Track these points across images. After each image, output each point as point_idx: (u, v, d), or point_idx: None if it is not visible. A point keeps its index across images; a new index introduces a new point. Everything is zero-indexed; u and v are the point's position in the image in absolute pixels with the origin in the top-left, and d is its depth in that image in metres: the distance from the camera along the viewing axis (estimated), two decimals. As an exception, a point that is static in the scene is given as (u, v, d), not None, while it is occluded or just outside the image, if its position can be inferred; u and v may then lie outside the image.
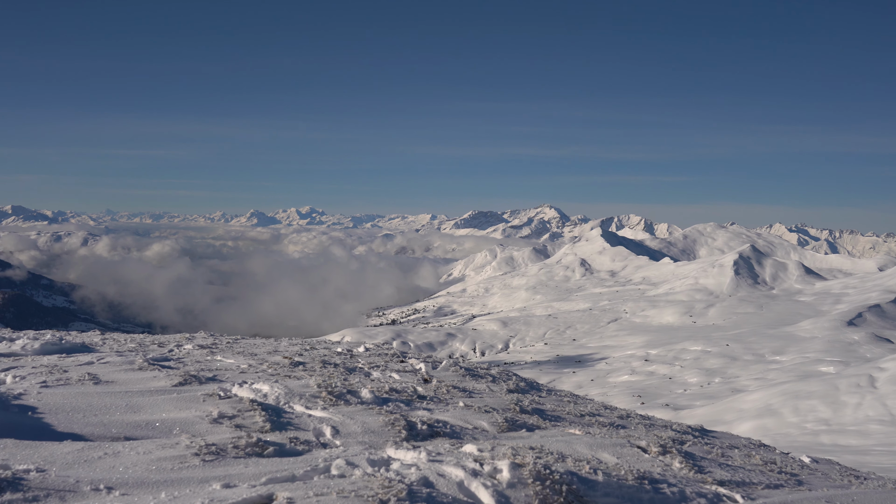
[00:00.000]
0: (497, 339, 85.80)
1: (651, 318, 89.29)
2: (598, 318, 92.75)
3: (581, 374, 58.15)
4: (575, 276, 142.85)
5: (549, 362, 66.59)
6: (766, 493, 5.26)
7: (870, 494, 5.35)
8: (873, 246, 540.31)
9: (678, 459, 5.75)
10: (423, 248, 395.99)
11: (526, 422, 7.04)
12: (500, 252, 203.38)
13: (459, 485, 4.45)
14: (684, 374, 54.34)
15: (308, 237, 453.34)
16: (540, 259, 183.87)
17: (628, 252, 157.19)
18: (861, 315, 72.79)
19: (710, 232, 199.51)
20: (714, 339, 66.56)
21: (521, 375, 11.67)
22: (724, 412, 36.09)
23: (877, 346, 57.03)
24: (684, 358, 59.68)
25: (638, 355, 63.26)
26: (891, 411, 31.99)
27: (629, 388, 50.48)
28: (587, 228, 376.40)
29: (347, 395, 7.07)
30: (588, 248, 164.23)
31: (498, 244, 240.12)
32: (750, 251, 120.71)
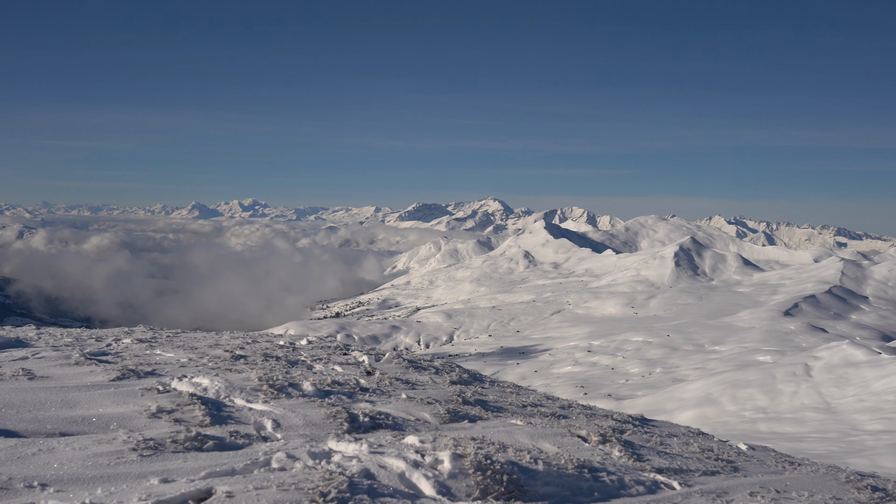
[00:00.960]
0: (441, 332, 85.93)
1: (594, 310, 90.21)
2: (542, 309, 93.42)
3: (525, 366, 58.51)
4: (519, 268, 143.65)
5: (494, 354, 66.89)
6: (703, 479, 5.36)
7: (802, 479, 5.48)
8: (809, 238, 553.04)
9: (618, 448, 5.83)
10: (368, 241, 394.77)
11: (468, 413, 7.07)
12: (445, 244, 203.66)
13: (401, 476, 4.46)
14: (626, 364, 55.01)
15: (251, 230, 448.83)
16: (484, 251, 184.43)
17: (571, 244, 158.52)
18: (797, 305, 74.45)
19: (651, 224, 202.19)
20: (655, 329, 67.48)
21: (465, 367, 11.72)
22: (665, 402, 36.63)
23: (812, 336, 58.36)
24: (626, 349, 60.42)
25: (581, 346, 63.86)
26: (825, 399, 32.76)
27: (572, 379, 50.94)
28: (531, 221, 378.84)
29: (289, 388, 7.02)
30: (532, 241, 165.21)
31: (442, 236, 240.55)
32: (690, 243, 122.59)
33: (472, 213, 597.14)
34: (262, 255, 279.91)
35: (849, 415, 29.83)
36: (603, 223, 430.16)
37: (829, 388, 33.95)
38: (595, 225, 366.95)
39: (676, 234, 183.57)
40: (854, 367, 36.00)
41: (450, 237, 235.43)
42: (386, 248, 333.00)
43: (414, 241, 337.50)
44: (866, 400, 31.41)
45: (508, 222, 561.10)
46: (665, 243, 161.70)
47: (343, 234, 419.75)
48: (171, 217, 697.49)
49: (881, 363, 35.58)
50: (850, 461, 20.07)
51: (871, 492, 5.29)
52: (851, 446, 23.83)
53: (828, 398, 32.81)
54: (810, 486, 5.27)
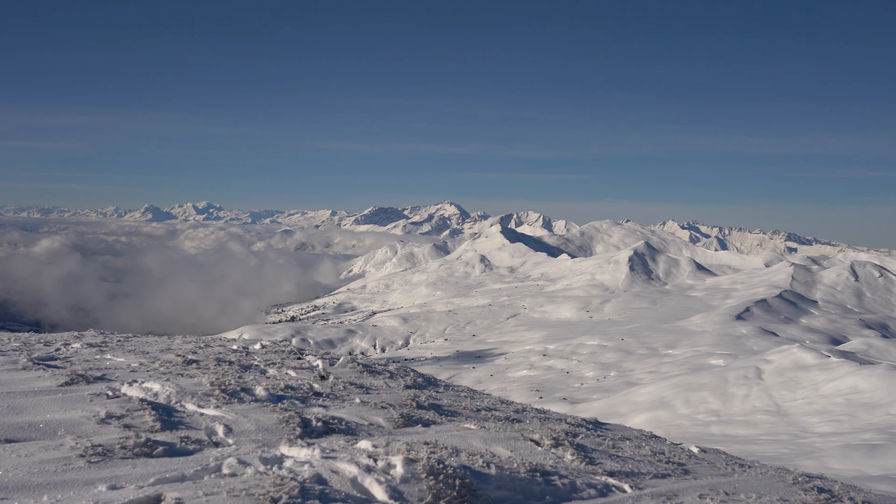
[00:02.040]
0: (397, 336, 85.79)
1: (549, 314, 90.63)
2: (498, 313, 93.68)
3: (481, 370, 58.64)
4: (475, 272, 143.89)
5: (449, 358, 66.94)
6: (654, 482, 5.41)
7: (750, 481, 5.56)
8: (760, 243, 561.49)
9: (570, 451, 5.86)
10: (324, 245, 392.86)
11: (422, 417, 7.07)
12: (401, 248, 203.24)
13: (353, 481, 4.45)
14: (581, 368, 55.34)
15: (205, 233, 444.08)
16: (440, 255, 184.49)
17: (527, 248, 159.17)
18: (749, 309, 75.48)
19: (606, 229, 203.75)
20: (610, 333, 67.97)
21: (421, 371, 11.71)
22: (620, 405, 36.90)
23: (763, 340, 59.19)
24: (581, 352, 60.78)
25: (536, 350, 64.13)
26: (776, 402, 33.24)
27: (528, 383, 51.13)
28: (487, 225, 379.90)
29: (241, 393, 6.97)
30: (488, 245, 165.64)
31: (398, 240, 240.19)
32: (644, 248, 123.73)
33: (429, 217, 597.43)
34: (217, 259, 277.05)
35: (799, 417, 30.30)
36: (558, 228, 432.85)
37: (779, 391, 34.45)
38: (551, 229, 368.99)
39: (631, 238, 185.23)
40: (804, 370, 36.56)
41: (406, 241, 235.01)
42: (342, 252, 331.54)
43: (370, 245, 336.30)
44: (816, 402, 31.92)
45: (465, 226, 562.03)
46: (620, 248, 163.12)
47: (299, 238, 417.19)
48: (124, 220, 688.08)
49: (830, 366, 36.17)
50: (800, 463, 20.38)
51: (817, 493, 5.38)
52: (801, 448, 24.21)
53: (779, 401, 33.30)
54: (758, 487, 5.35)
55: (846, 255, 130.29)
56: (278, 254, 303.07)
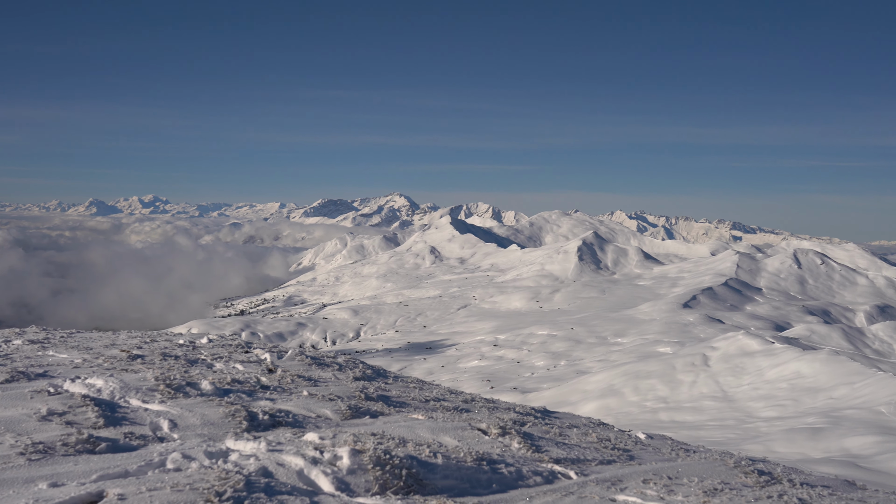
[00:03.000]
0: (348, 328, 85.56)
1: (499, 304, 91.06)
2: (448, 304, 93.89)
3: (432, 361, 58.75)
4: (425, 263, 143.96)
5: (401, 349, 66.96)
6: (599, 468, 5.48)
7: (692, 465, 5.66)
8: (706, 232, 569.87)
9: (517, 440, 5.91)
10: (273, 237, 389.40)
11: (370, 409, 7.06)
12: (351, 240, 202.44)
13: (299, 473, 4.44)
14: (532, 357, 55.72)
15: (151, 226, 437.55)
16: (390, 247, 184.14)
17: (477, 239, 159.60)
18: (695, 297, 76.59)
19: (555, 219, 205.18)
20: (560, 323, 68.51)
21: (371, 363, 11.70)
22: (570, 393, 37.24)
23: (710, 327, 60.12)
24: (531, 342, 61.18)
25: (487, 340, 64.41)
26: (722, 388, 33.82)
27: (479, 373, 51.34)
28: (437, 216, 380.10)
29: (187, 388, 6.90)
30: (438, 236, 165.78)
31: (348, 232, 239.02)
32: (593, 238, 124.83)
33: (378, 208, 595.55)
34: (164, 253, 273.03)
35: (745, 402, 30.87)
36: (508, 218, 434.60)
37: (726, 378, 35.05)
38: (500, 220, 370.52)
39: (580, 228, 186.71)
40: (749, 356, 37.24)
41: (356, 233, 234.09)
42: (291, 245, 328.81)
43: (320, 238, 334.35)
44: (761, 388, 32.55)
45: (414, 218, 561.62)
46: (569, 238, 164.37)
47: (247, 231, 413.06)
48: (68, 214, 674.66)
49: (774, 352, 36.88)
50: (747, 447, 20.76)
51: (757, 475, 5.49)
52: (747, 433, 24.68)
53: (725, 387, 33.88)
54: (700, 471, 5.45)
55: (789, 244, 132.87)
56: (227, 247, 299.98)
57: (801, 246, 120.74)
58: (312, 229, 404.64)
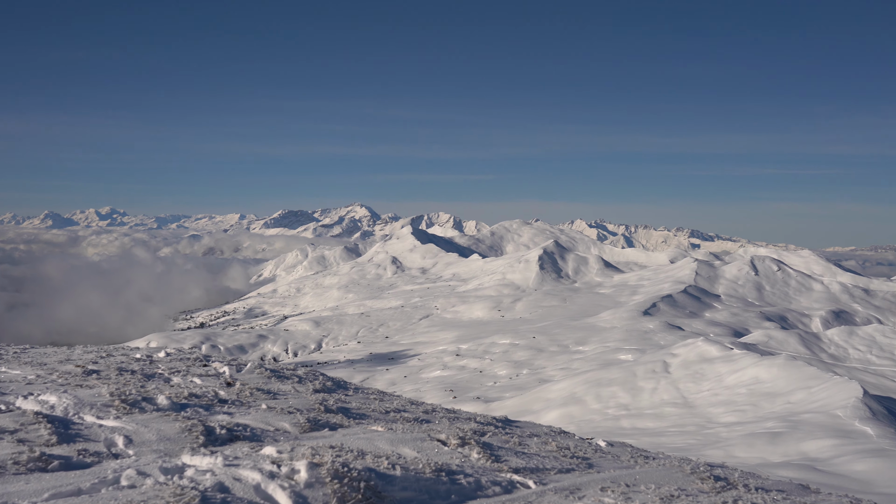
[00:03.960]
0: (310, 340, 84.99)
1: (461, 314, 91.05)
2: (410, 314, 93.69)
3: (394, 371, 58.56)
4: (387, 273, 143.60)
5: (363, 361, 66.65)
6: (558, 477, 5.50)
7: (651, 472, 5.70)
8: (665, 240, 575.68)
9: (476, 450, 5.91)
10: (233, 249, 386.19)
11: (329, 421, 7.03)
12: (312, 251, 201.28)
13: (256, 488, 4.40)
14: (494, 367, 55.73)
15: (109, 239, 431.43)
16: (352, 258, 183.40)
17: (438, 249, 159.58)
18: (655, 305, 77.23)
19: (516, 228, 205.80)
20: (521, 332, 68.64)
21: (332, 375, 11.64)
22: (532, 402, 37.30)
23: (669, 334, 60.60)
24: (494, 351, 61.23)
25: (449, 350, 64.35)
26: (683, 394, 34.10)
27: (441, 383, 51.26)
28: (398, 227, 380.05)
29: (143, 403, 6.81)
30: (399, 246, 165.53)
31: (309, 243, 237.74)
32: (553, 246, 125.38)
33: (339, 219, 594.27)
34: (122, 265, 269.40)
35: (705, 408, 31.14)
36: (469, 228, 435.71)
37: (686, 384, 35.35)
38: (461, 230, 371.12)
39: (540, 237, 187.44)
40: (709, 362, 37.60)
41: (317, 244, 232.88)
42: (252, 256, 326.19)
43: (280, 249, 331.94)
44: (720, 394, 32.86)
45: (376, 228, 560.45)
46: (530, 247, 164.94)
47: (207, 243, 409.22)
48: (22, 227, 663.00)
49: (733, 358, 37.28)
50: (707, 453, 20.96)
51: (713, 481, 5.55)
52: (708, 438, 24.89)
53: (685, 393, 34.17)
54: (658, 478, 5.48)
55: (746, 251, 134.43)
56: (186, 259, 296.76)
57: (757, 253, 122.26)
58: (273, 240, 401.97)
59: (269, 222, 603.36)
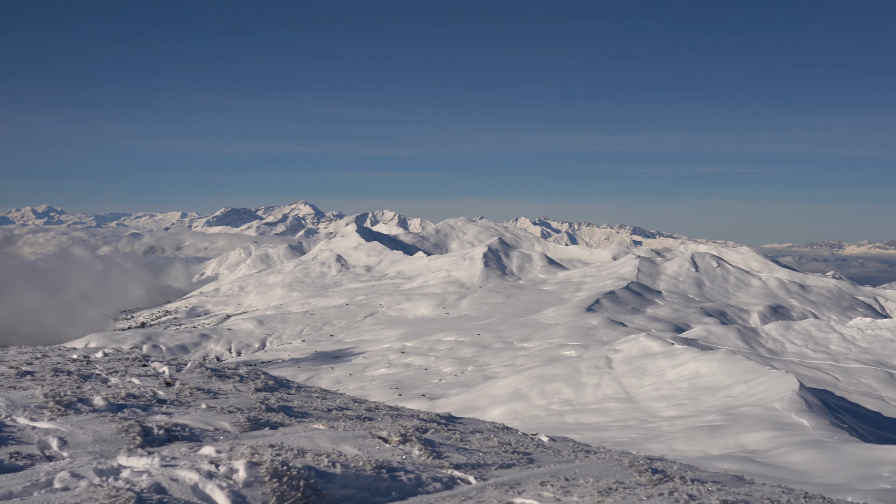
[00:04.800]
0: (253, 338, 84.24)
1: (406, 311, 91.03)
2: (355, 312, 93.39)
3: (339, 370, 58.34)
4: (331, 272, 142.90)
5: (307, 359, 66.27)
6: (499, 472, 5.53)
7: (590, 466, 5.76)
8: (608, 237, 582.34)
9: (417, 447, 5.91)
10: (174, 247, 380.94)
11: (270, 420, 6.97)
12: (255, 250, 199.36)
13: (194, 488, 4.34)
14: (439, 364, 55.85)
15: (46, 237, 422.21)
16: (296, 256, 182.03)
17: (383, 247, 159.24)
18: (598, 301, 78.02)
19: (460, 226, 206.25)
20: (466, 329, 68.86)
21: (277, 374, 11.56)
22: (478, 399, 37.43)
23: (612, 330, 61.27)
24: (439, 349, 61.35)
25: (394, 348, 64.30)
26: (625, 389, 34.50)
27: (387, 381, 51.21)
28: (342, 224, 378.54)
29: (78, 404, 6.68)
30: (344, 244, 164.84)
31: (252, 242, 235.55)
32: (498, 244, 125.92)
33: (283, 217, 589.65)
34: (59, 265, 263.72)
35: (647, 403, 31.55)
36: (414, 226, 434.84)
37: (628, 379, 35.78)
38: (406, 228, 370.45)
39: (485, 235, 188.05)
40: (651, 357, 38.10)
41: (260, 242, 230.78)
42: (194, 255, 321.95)
43: (223, 247, 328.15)
44: (662, 388, 33.34)
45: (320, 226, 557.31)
46: (474, 244, 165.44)
47: (147, 241, 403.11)
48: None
49: (674, 353, 37.84)
50: (649, 447, 21.23)
51: (651, 474, 5.63)
52: (650, 432, 25.22)
53: (628, 388, 34.58)
54: (596, 472, 5.54)
55: (687, 247, 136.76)
56: (126, 258, 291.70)
57: (698, 250, 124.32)
58: (215, 239, 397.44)
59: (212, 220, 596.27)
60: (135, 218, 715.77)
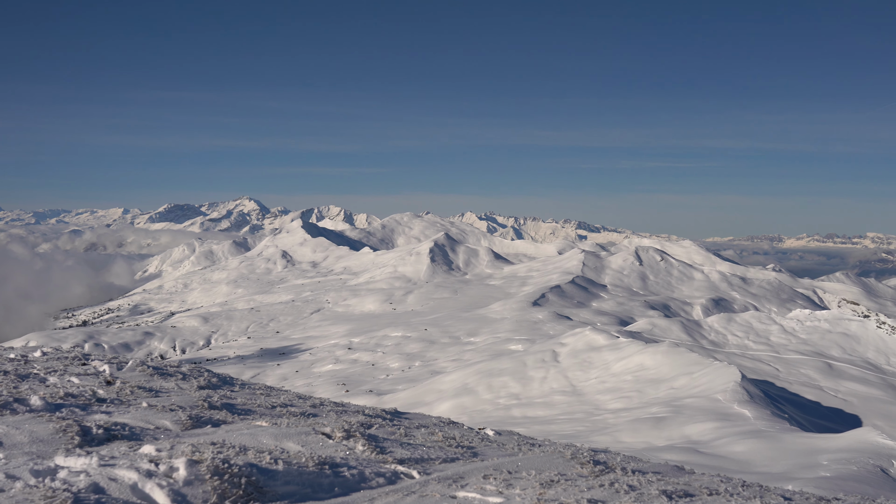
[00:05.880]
0: (198, 336, 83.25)
1: (353, 307, 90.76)
2: (301, 309, 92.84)
3: (286, 366, 57.94)
4: (277, 268, 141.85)
5: (253, 356, 65.71)
6: (443, 466, 5.55)
7: (533, 459, 5.82)
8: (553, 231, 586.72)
9: (361, 442, 5.91)
10: (116, 244, 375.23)
11: (213, 417, 6.91)
12: (199, 246, 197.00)
13: (133, 487, 4.29)
14: (386, 359, 55.79)
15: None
16: (241, 252, 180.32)
17: (329, 243, 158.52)
18: (544, 296, 78.61)
19: (407, 221, 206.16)
20: (413, 324, 68.88)
21: (222, 371, 11.45)
22: (425, 394, 37.49)
23: (558, 324, 61.79)
24: (386, 344, 61.28)
25: (341, 344, 64.08)
26: (571, 382, 34.82)
27: (334, 377, 51.02)
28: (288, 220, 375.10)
29: (14, 404, 6.54)
30: (289, 240, 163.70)
31: (196, 238, 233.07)
32: (444, 239, 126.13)
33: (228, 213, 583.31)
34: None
35: (593, 396, 31.89)
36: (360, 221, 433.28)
37: (574, 372, 36.12)
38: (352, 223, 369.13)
39: (431, 230, 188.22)
40: (596, 351, 38.52)
41: (204, 238, 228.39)
42: (136, 252, 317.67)
43: (166, 244, 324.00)
44: (607, 381, 33.72)
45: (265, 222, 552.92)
46: (421, 240, 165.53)
47: (89, 238, 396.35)
48: None
49: (619, 346, 38.30)
50: (595, 439, 21.47)
51: (593, 465, 5.70)
52: (596, 425, 25.50)
53: (574, 381, 34.91)
54: (539, 464, 5.60)
55: (631, 242, 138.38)
56: (67, 255, 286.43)
57: (642, 243, 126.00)
58: (158, 235, 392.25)
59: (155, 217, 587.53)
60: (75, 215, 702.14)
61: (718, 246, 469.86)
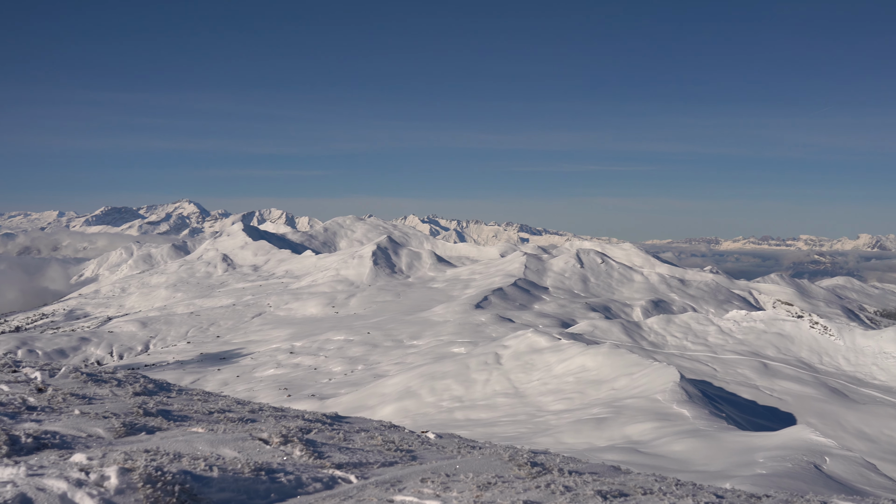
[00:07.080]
0: (136, 341, 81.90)
1: (295, 311, 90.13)
2: (242, 313, 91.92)
3: (227, 371, 57.31)
4: (217, 271, 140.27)
5: (193, 361, 64.86)
6: (381, 470, 5.53)
7: (471, 462, 5.83)
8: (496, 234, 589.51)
9: (299, 448, 5.85)
10: (51, 248, 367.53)
11: (147, 424, 6.78)
12: (137, 249, 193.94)
13: (62, 497, 4.19)
14: (329, 363, 55.50)
15: None
16: (180, 255, 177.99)
17: (271, 246, 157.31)
18: (487, 298, 78.93)
19: (349, 224, 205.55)
20: (356, 328, 68.63)
21: (161, 377, 11.28)
22: (368, 398, 37.36)
23: (501, 326, 62.10)
24: (328, 348, 60.96)
25: (283, 348, 63.60)
26: (514, 384, 34.98)
27: (275, 382, 50.61)
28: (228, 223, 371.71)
29: (-61, 414, 6.37)
30: (230, 243, 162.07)
31: (134, 241, 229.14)
32: (387, 242, 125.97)
33: (167, 216, 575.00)
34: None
35: (535, 397, 32.07)
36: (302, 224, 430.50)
37: (517, 374, 36.31)
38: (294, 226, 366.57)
39: (374, 233, 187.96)
40: (538, 353, 38.77)
41: (142, 242, 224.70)
42: (72, 255, 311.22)
43: (103, 247, 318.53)
44: (550, 383, 33.94)
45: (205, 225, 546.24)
46: (363, 243, 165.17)
47: (22, 241, 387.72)
48: None
49: (561, 348, 38.60)
50: (537, 440, 21.59)
51: (530, 467, 5.73)
52: (538, 426, 25.63)
53: (516, 383, 35.08)
54: (477, 467, 5.61)
55: (572, 244, 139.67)
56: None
57: (583, 246, 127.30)
58: (95, 238, 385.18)
59: (91, 220, 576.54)
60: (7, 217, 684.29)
61: (658, 248, 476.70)
